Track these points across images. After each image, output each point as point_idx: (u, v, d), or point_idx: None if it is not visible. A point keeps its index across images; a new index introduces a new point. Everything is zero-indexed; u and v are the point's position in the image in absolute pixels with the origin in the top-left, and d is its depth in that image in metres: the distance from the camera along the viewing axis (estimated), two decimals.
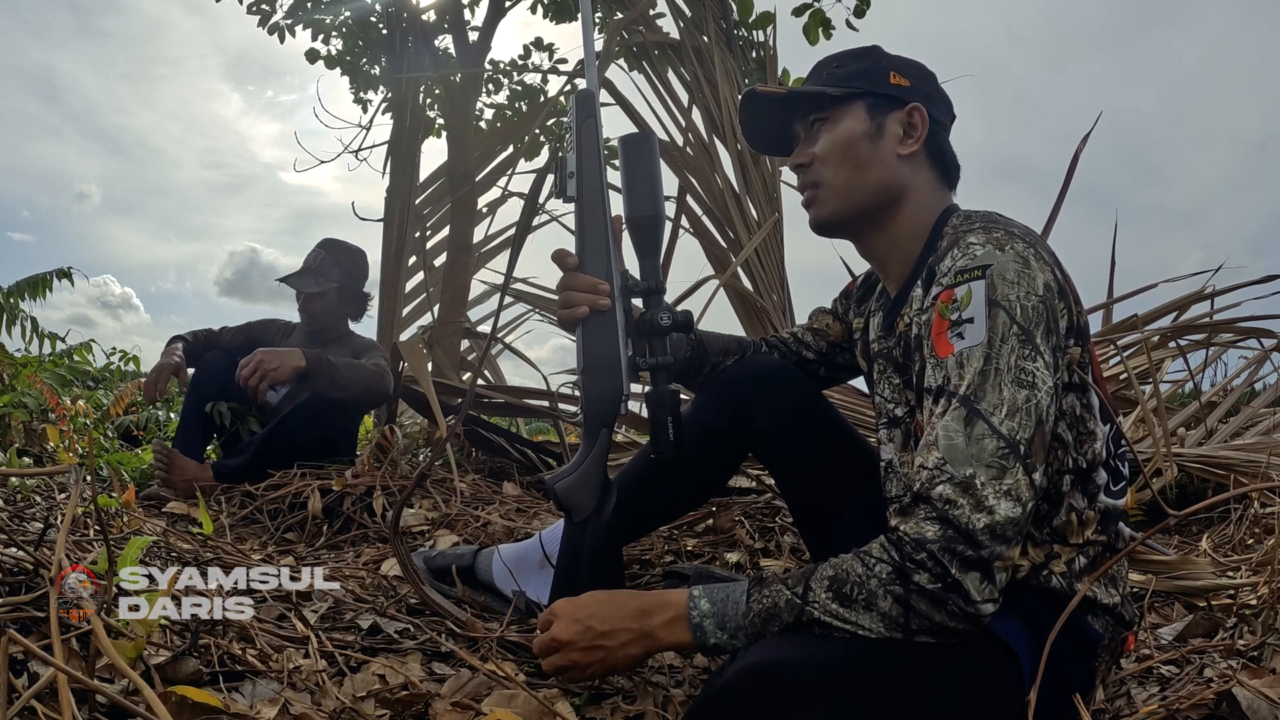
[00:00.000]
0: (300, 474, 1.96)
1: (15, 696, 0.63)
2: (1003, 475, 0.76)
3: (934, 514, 0.77)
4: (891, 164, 0.99)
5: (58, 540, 0.75)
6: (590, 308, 1.01)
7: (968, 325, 0.81)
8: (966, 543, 0.75)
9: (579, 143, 1.05)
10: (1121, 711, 0.97)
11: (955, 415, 0.79)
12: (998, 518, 0.75)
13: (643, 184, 1.04)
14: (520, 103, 4.24)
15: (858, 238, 1.04)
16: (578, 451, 1.08)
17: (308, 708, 0.82)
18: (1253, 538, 1.61)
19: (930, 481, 0.78)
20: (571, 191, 1.05)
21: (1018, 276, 0.81)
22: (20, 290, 3.67)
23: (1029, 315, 0.80)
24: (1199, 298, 2.75)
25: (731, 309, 2.94)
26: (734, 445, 1.19)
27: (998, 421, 0.77)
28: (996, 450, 0.77)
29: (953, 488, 0.76)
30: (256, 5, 3.58)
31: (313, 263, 2.37)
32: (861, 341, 1.14)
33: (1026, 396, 0.78)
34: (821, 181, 1.01)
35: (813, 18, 3.34)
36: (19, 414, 2.57)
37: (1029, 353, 0.79)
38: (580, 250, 1.04)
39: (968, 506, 0.76)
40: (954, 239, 0.89)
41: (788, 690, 0.72)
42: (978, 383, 0.79)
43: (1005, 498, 0.76)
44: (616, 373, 1.03)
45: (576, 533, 1.07)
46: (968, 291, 0.82)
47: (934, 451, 0.79)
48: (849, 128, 1.00)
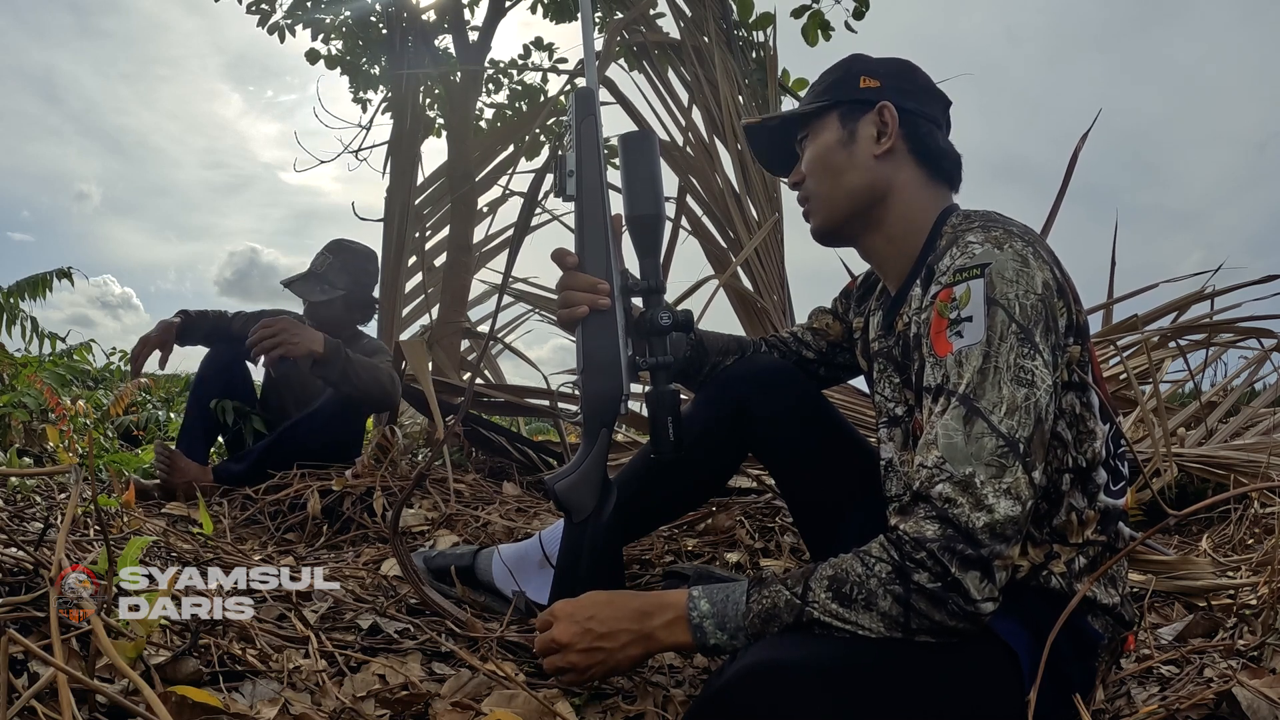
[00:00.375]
0: (300, 474, 1.96)
1: (15, 696, 0.63)
2: (1002, 474, 0.76)
3: (933, 513, 0.77)
4: (869, 166, 1.00)
5: (58, 540, 0.75)
6: (590, 307, 1.01)
7: (966, 324, 0.81)
8: (966, 541, 0.75)
9: (579, 141, 1.05)
10: (1121, 711, 0.97)
11: (955, 414, 0.79)
12: (997, 516, 0.75)
13: (643, 183, 1.03)
14: (520, 102, 4.24)
15: (855, 242, 1.05)
16: (578, 451, 1.07)
17: (308, 708, 0.82)
18: (1253, 538, 1.61)
19: (930, 480, 0.78)
20: (571, 190, 1.04)
21: (1016, 275, 0.81)
22: (20, 290, 3.67)
23: (1028, 313, 0.80)
24: (1199, 298, 2.75)
25: (731, 309, 2.94)
26: (734, 445, 1.19)
27: (997, 420, 0.77)
28: (996, 449, 0.77)
29: (952, 486, 0.76)
30: (256, 5, 3.58)
31: (319, 267, 2.28)
32: (861, 341, 1.14)
33: (1026, 395, 0.78)
34: (810, 195, 1.05)
35: (811, 19, 3.34)
36: (19, 414, 2.57)
37: (1028, 351, 0.80)
38: (580, 249, 1.03)
39: (967, 505, 0.76)
40: (953, 237, 0.90)
41: (787, 690, 0.72)
42: (977, 381, 0.79)
43: (1005, 496, 0.76)
44: (616, 372, 1.02)
45: (576, 533, 1.07)
46: (966, 290, 0.82)
47: (933, 450, 0.79)
48: (824, 139, 1.03)
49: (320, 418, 2.06)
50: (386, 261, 3.38)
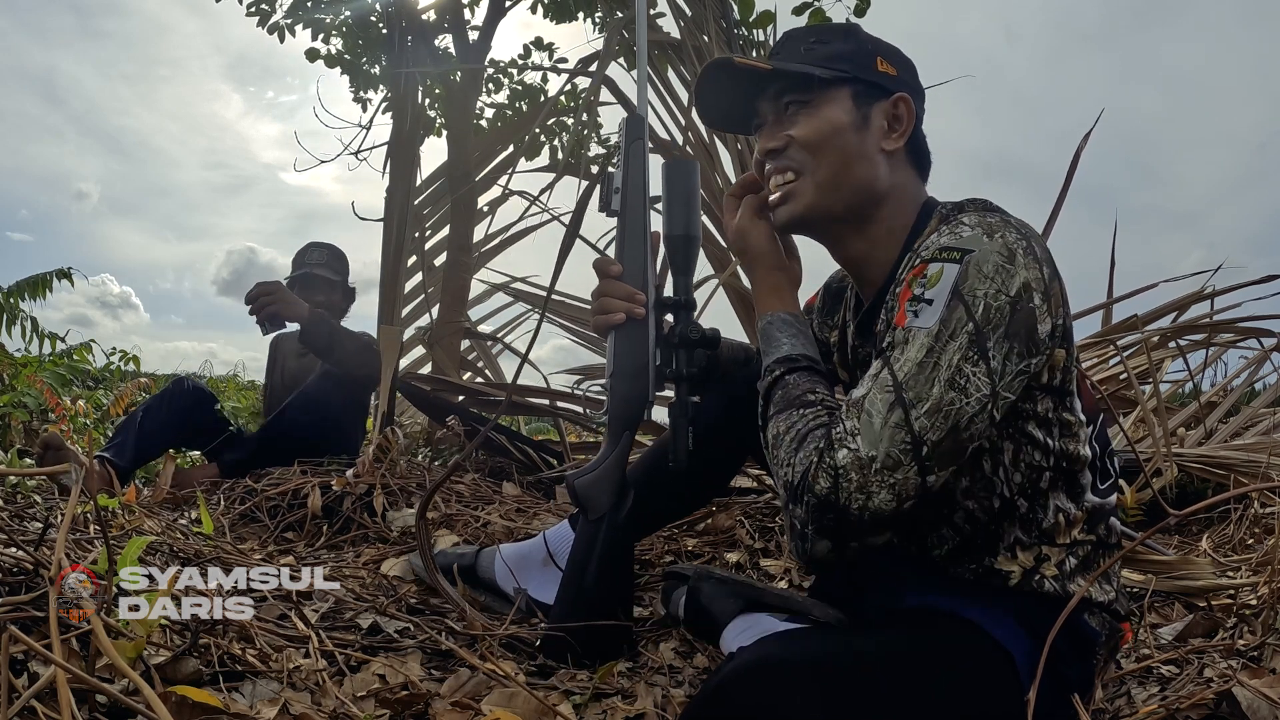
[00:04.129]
0: (300, 471, 1.96)
1: (15, 696, 0.63)
2: (895, 469, 0.77)
3: (831, 469, 0.77)
4: (876, 159, 0.94)
5: (57, 540, 0.75)
6: (627, 315, 1.07)
7: (925, 306, 0.80)
8: (835, 512, 0.77)
9: (627, 162, 1.12)
10: (1121, 711, 0.97)
11: (884, 398, 0.78)
12: (871, 505, 0.77)
13: (681, 206, 1.10)
14: (520, 102, 4.23)
15: (830, 239, 0.99)
16: (600, 451, 1.13)
17: (308, 707, 0.82)
18: (1253, 538, 1.61)
19: (840, 440, 0.78)
20: (615, 206, 1.11)
21: (995, 271, 0.78)
22: (20, 290, 3.67)
23: (990, 316, 0.78)
24: (1199, 298, 2.75)
25: (731, 308, 2.94)
26: (734, 446, 1.19)
27: (914, 415, 0.77)
28: (901, 443, 0.77)
29: (851, 458, 0.77)
30: (256, 5, 3.58)
31: (320, 259, 2.49)
32: (840, 353, 1.12)
33: (952, 399, 0.77)
34: (802, 169, 0.94)
35: (813, 17, 3.33)
36: (19, 414, 2.57)
37: (973, 355, 0.78)
38: (620, 261, 1.09)
39: (854, 484, 0.76)
40: (944, 220, 0.88)
41: (783, 688, 0.72)
42: (914, 372, 0.78)
43: (888, 490, 0.76)
44: (644, 379, 1.09)
45: (591, 530, 1.11)
46: (939, 271, 0.80)
47: (855, 416, 0.79)
48: (834, 116, 0.93)
49: (308, 395, 2.20)
50: (386, 261, 3.38)
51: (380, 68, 3.87)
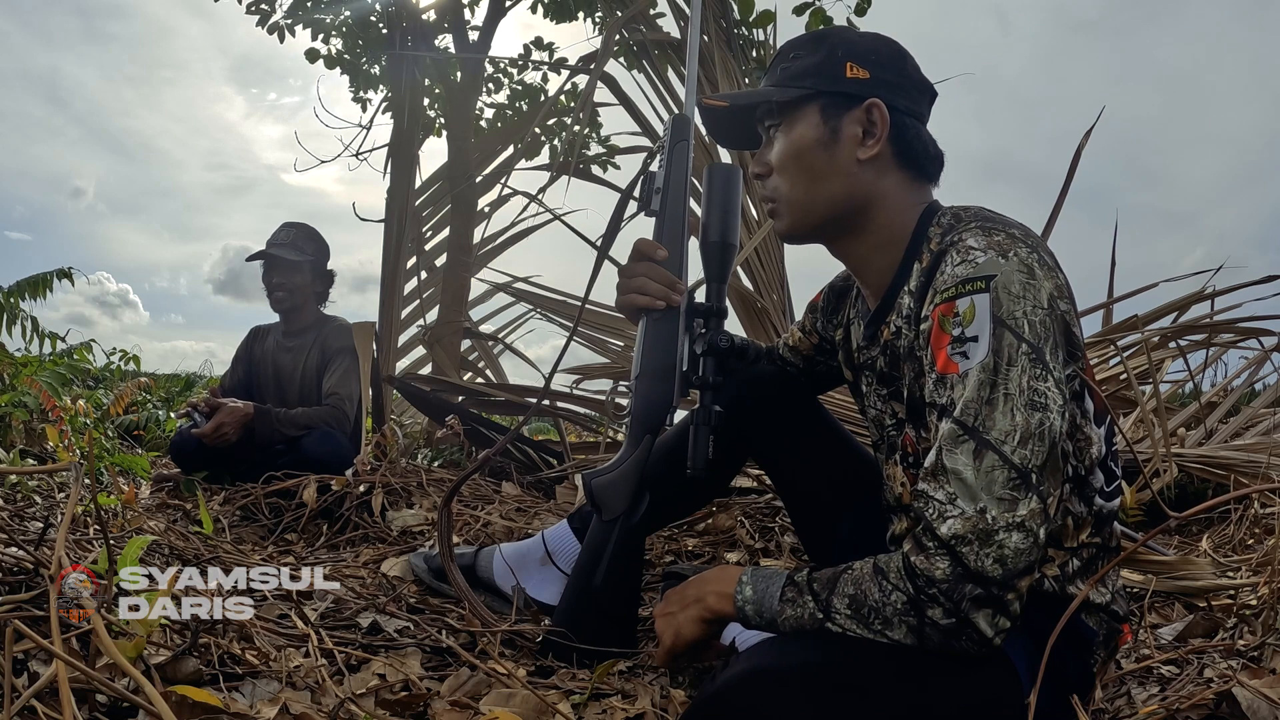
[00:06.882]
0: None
1: (16, 696, 0.63)
2: (1015, 506, 0.73)
3: (944, 550, 0.74)
4: (851, 171, 0.92)
5: (58, 540, 0.75)
6: (665, 301, 1.06)
7: (972, 344, 0.77)
8: (976, 581, 0.73)
9: (669, 162, 1.10)
10: (1121, 711, 0.97)
11: (965, 449, 0.75)
12: (1007, 551, 0.73)
13: (720, 212, 1.08)
14: (520, 102, 4.23)
15: (830, 245, 0.99)
16: (619, 452, 1.12)
17: (307, 707, 0.82)
18: (1253, 538, 1.61)
19: (940, 515, 0.75)
20: (655, 205, 1.10)
21: (1023, 289, 0.77)
22: (20, 290, 3.66)
23: (1037, 331, 0.76)
24: (1199, 298, 2.75)
25: (731, 308, 2.94)
26: (734, 447, 1.19)
27: (1009, 450, 0.74)
28: (1008, 481, 0.73)
29: (963, 523, 0.73)
30: (256, 5, 3.58)
31: (285, 238, 2.45)
32: (844, 351, 1.11)
33: (1040, 420, 0.74)
34: (777, 195, 0.96)
35: (813, 16, 3.33)
36: (19, 414, 2.57)
37: (1040, 372, 0.75)
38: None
39: (977, 543, 0.73)
40: (949, 241, 0.84)
41: (782, 694, 0.72)
42: (985, 412, 0.75)
43: (1017, 530, 0.73)
44: (670, 382, 1.07)
45: (604, 530, 1.10)
46: (971, 306, 0.77)
47: (944, 483, 0.75)
48: (801, 135, 0.92)
49: (319, 433, 2.22)
50: (387, 261, 3.38)
51: (380, 68, 3.87)
